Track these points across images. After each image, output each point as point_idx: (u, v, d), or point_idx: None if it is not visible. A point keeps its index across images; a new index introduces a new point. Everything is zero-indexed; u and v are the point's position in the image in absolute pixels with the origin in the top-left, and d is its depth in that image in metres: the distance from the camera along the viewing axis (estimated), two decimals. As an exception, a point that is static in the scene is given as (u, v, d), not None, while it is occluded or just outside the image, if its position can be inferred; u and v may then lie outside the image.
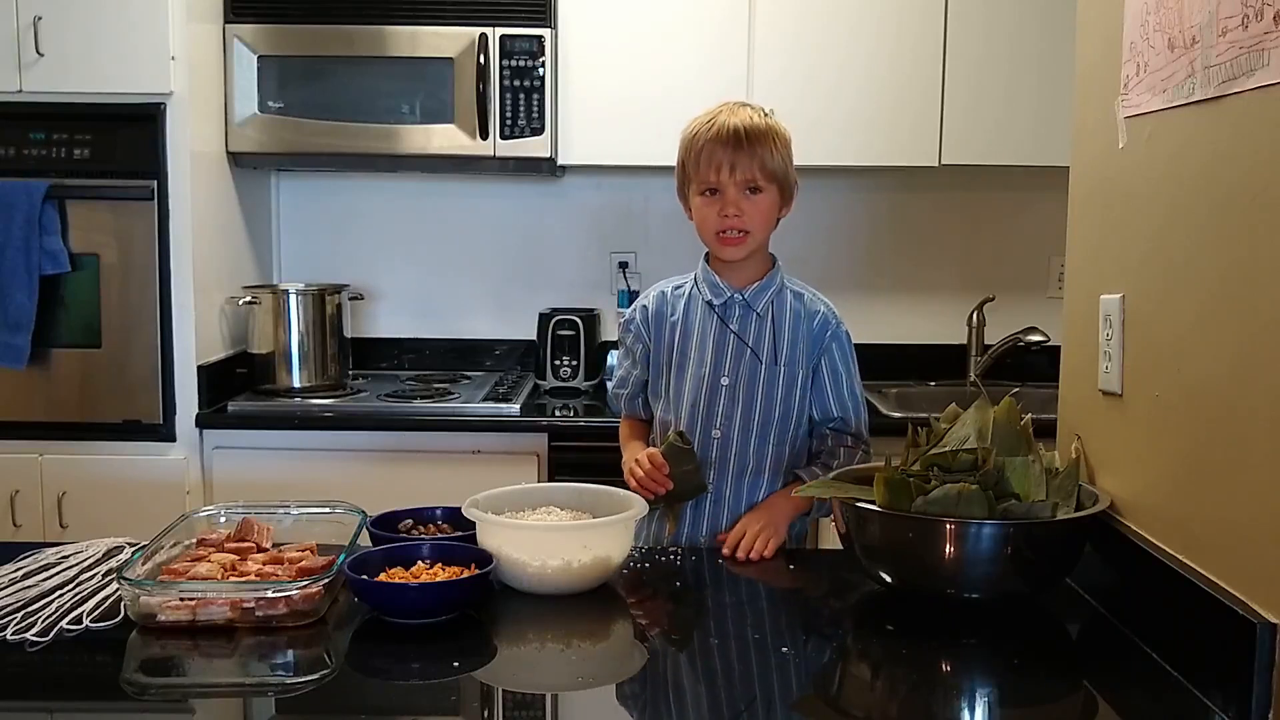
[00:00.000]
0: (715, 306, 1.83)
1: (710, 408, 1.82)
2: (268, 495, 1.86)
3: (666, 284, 1.92)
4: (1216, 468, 1.20)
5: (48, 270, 2.60)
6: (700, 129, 1.78)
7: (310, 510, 1.63)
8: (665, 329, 1.88)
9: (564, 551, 1.43)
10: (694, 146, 1.77)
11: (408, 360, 3.31)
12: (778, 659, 1.30)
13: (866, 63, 2.87)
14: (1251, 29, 1.11)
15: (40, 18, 2.55)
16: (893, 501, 1.38)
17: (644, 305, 1.91)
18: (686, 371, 1.84)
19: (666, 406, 1.87)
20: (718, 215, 1.76)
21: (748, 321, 1.83)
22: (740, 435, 1.82)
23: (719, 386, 1.82)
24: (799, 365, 1.82)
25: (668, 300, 1.89)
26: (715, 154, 1.74)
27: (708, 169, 1.75)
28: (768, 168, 1.75)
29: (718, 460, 1.82)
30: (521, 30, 2.81)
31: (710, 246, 1.82)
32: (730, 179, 1.74)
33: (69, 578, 1.47)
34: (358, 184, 3.27)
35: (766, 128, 1.77)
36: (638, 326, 1.91)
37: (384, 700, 1.23)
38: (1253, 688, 1.08)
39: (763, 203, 1.77)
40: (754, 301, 1.82)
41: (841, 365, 1.85)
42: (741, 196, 1.75)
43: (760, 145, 1.74)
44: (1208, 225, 1.22)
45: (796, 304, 1.84)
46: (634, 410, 1.97)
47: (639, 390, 1.94)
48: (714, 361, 1.83)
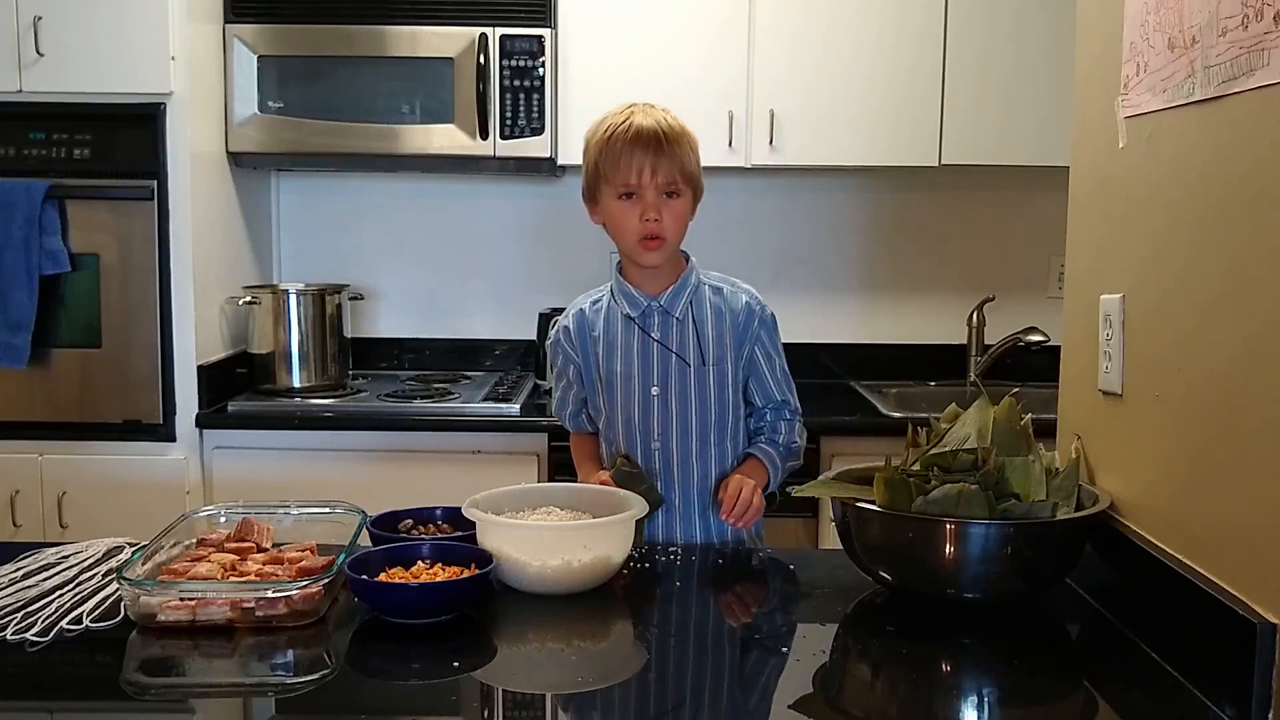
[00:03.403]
0: (634, 318, 1.82)
1: (646, 420, 1.82)
2: (268, 495, 1.86)
3: (584, 299, 1.91)
4: (1217, 468, 1.20)
5: (48, 270, 2.60)
6: (616, 130, 1.74)
7: (310, 510, 1.63)
8: (589, 346, 1.86)
9: (564, 551, 1.43)
10: (610, 147, 1.73)
11: (408, 360, 3.31)
12: (778, 659, 1.30)
13: (867, 63, 2.87)
14: (1251, 29, 1.11)
15: (40, 18, 2.55)
16: (893, 501, 1.38)
17: (565, 325, 1.90)
18: (616, 387, 1.83)
19: (606, 422, 1.87)
20: (639, 219, 1.73)
21: (668, 327, 1.81)
22: (680, 442, 1.81)
23: (650, 397, 1.81)
24: (727, 361, 1.81)
25: (586, 317, 1.88)
26: (635, 155, 1.71)
27: (627, 171, 1.72)
28: (686, 170, 1.74)
29: (663, 470, 1.82)
30: (521, 30, 2.81)
31: (630, 252, 1.79)
32: (651, 182, 1.72)
33: (69, 578, 1.47)
34: (358, 184, 3.27)
35: (683, 130, 1.75)
36: (564, 347, 1.90)
37: (384, 700, 1.23)
38: (1253, 688, 1.08)
39: (679, 206, 1.75)
40: (671, 307, 1.81)
41: (773, 348, 1.85)
42: (660, 200, 1.73)
43: (679, 148, 1.73)
44: (1208, 225, 1.22)
45: (717, 299, 1.83)
46: (579, 426, 1.96)
47: (580, 407, 1.94)
48: (641, 373, 1.81)
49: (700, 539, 1.83)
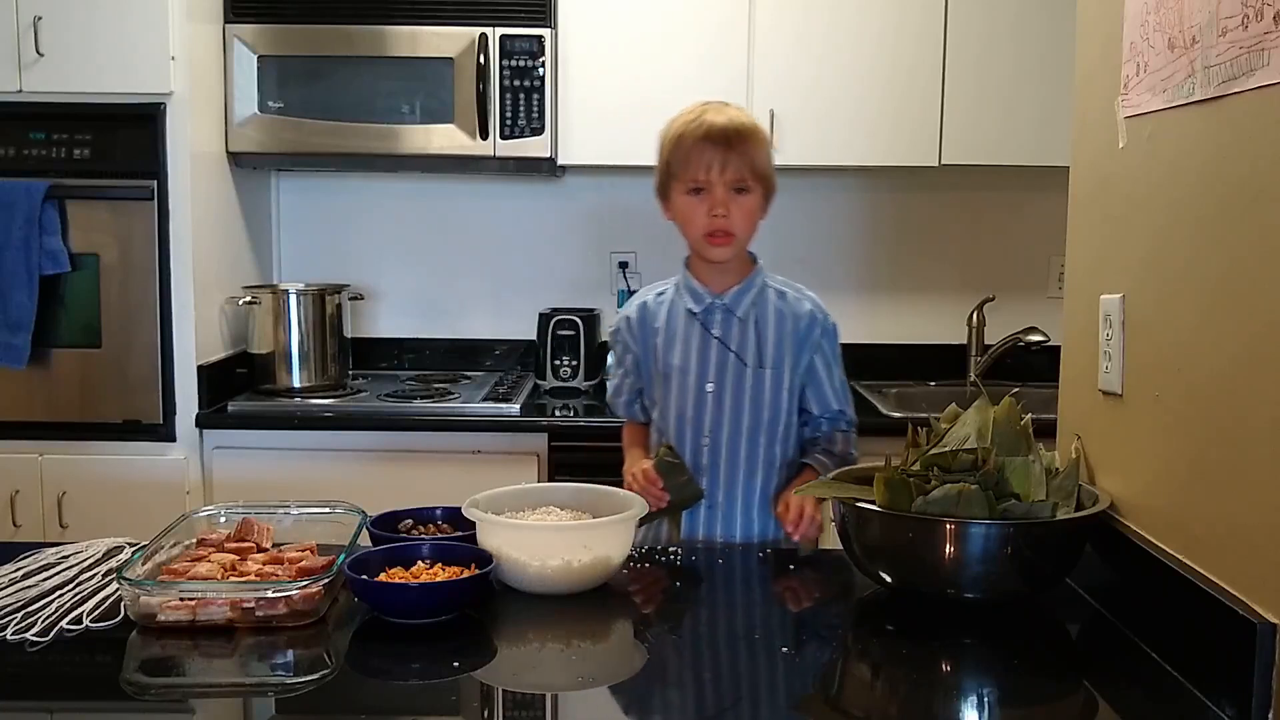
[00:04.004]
0: (696, 313, 1.83)
1: (698, 415, 1.83)
2: (268, 495, 1.86)
3: (649, 292, 1.92)
4: (1217, 468, 1.20)
5: (48, 270, 2.60)
6: (688, 127, 1.76)
7: (310, 510, 1.63)
8: (650, 338, 1.88)
9: (564, 551, 1.43)
10: (681, 144, 1.76)
11: (408, 360, 3.31)
12: (778, 659, 1.30)
13: (867, 63, 2.87)
14: (1251, 29, 1.11)
15: (40, 18, 2.55)
16: (893, 501, 1.38)
17: (628, 316, 1.91)
18: (673, 380, 1.84)
19: (659, 414, 1.88)
20: (706, 215, 1.75)
21: (729, 326, 1.82)
22: (729, 440, 1.82)
23: (704, 394, 1.82)
24: (784, 366, 1.82)
25: (650, 309, 1.89)
26: (705, 152, 1.73)
27: (696, 167, 1.74)
28: (756, 167, 1.75)
29: (709, 466, 1.83)
30: (521, 30, 2.81)
31: (697, 247, 1.81)
32: (720, 178, 1.74)
33: (69, 578, 1.47)
34: (358, 184, 3.27)
35: (754, 127, 1.77)
36: (625, 337, 1.91)
37: (384, 700, 1.23)
38: (1253, 688, 1.08)
39: (749, 203, 1.76)
40: (734, 306, 1.82)
41: (833, 358, 1.86)
42: (729, 196, 1.74)
43: (750, 145, 1.74)
44: (1208, 225, 1.22)
45: (780, 303, 1.84)
46: (633, 415, 1.97)
47: (634, 396, 1.95)
48: (698, 369, 1.82)
49: (740, 537, 1.84)
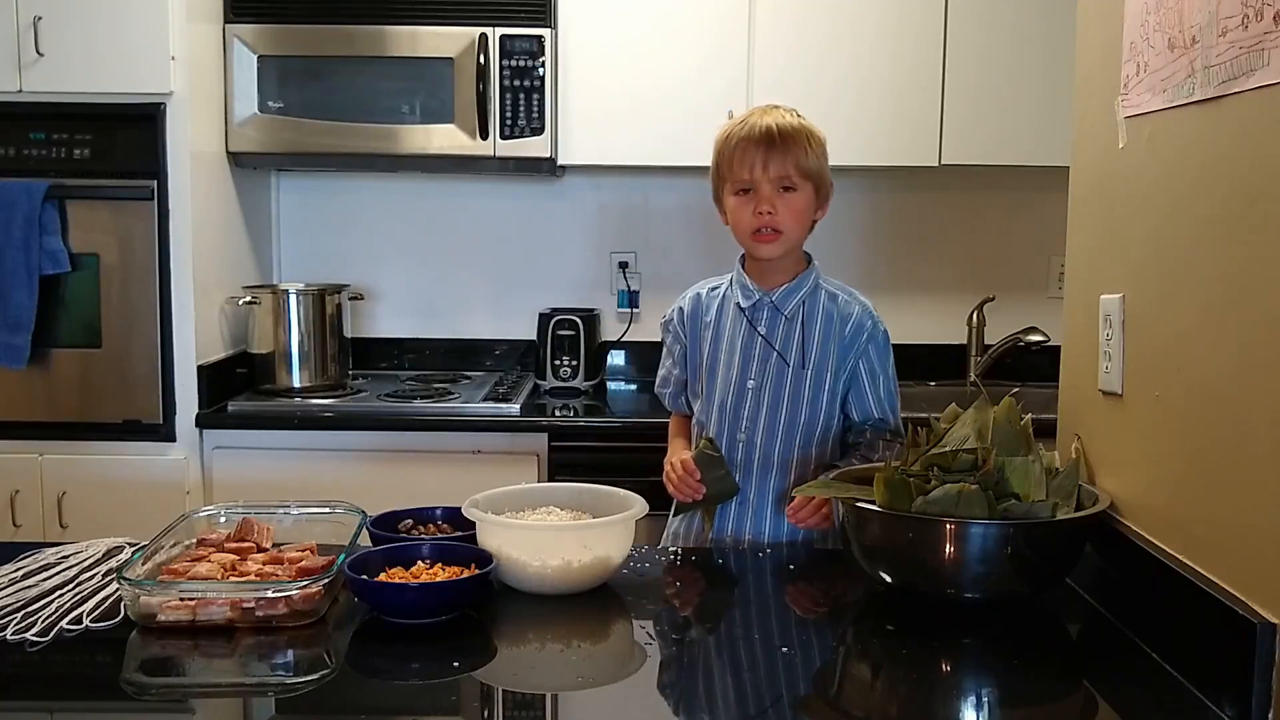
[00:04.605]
0: (744, 309, 1.84)
1: (737, 411, 1.83)
2: (268, 495, 1.86)
3: (704, 285, 1.94)
4: (1217, 468, 1.20)
5: (48, 270, 2.60)
6: (734, 129, 1.78)
7: (310, 510, 1.63)
8: (699, 331, 1.89)
9: (564, 551, 1.43)
10: (727, 146, 1.78)
11: (408, 360, 3.31)
12: (778, 659, 1.30)
13: (867, 63, 2.87)
14: (1251, 29, 1.11)
15: (40, 18, 2.55)
16: (893, 501, 1.38)
17: (680, 307, 1.93)
18: (717, 374, 1.86)
19: (701, 407, 1.89)
20: (752, 214, 1.76)
21: (776, 324, 1.83)
22: (766, 438, 1.82)
23: (746, 390, 1.83)
24: (828, 369, 1.82)
25: (702, 302, 1.91)
26: (749, 152, 1.75)
27: (741, 167, 1.76)
28: (802, 165, 1.76)
29: (744, 463, 1.83)
30: (521, 30, 2.80)
31: (745, 245, 1.82)
32: (764, 176, 1.75)
33: (69, 578, 1.47)
34: (358, 184, 3.26)
35: (800, 126, 1.78)
36: (675, 328, 1.93)
37: (384, 700, 1.23)
38: (1253, 688, 1.08)
39: (797, 201, 1.77)
40: (782, 304, 1.82)
41: (879, 366, 1.85)
42: (775, 194, 1.75)
43: (794, 143, 1.75)
44: (1208, 225, 1.22)
45: (830, 305, 1.84)
46: (679, 407, 1.98)
47: (680, 389, 1.96)
48: (741, 365, 1.83)
49: (769, 537, 1.83)
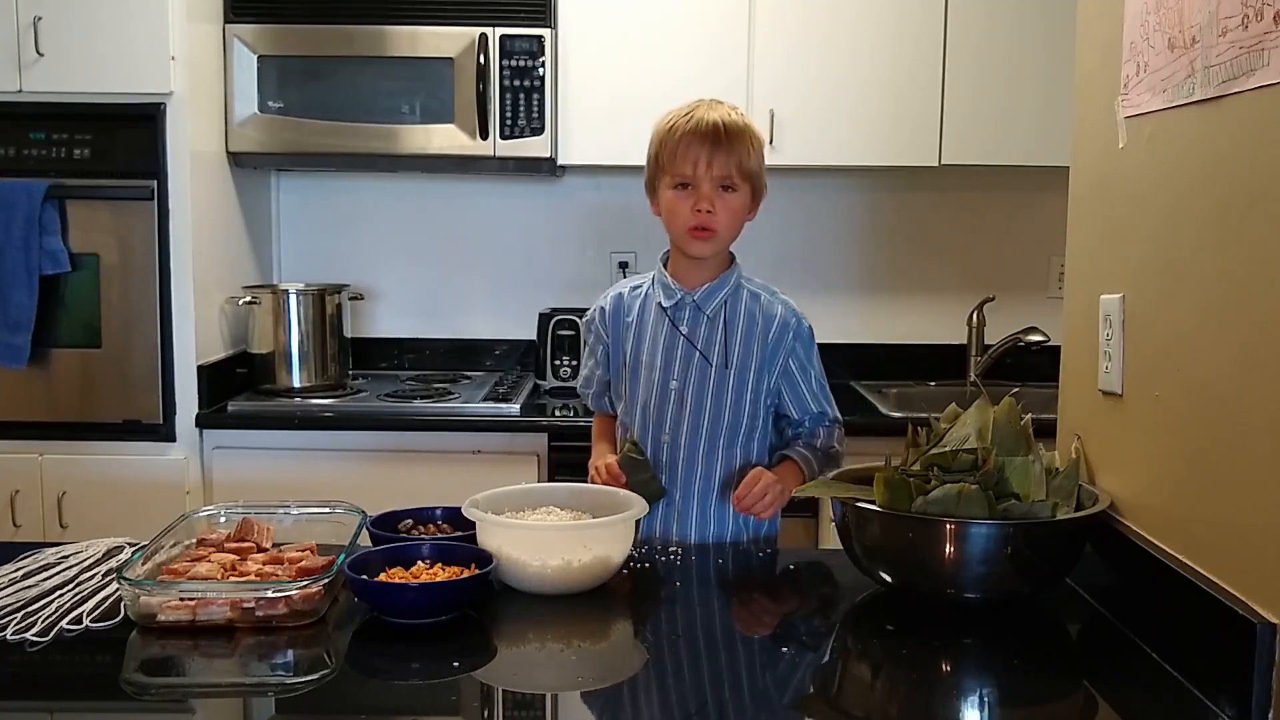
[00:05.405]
0: (666, 309, 1.82)
1: (660, 412, 1.82)
2: (268, 495, 1.86)
3: (625, 284, 1.92)
4: (1217, 468, 1.20)
5: (48, 270, 2.60)
6: (678, 122, 1.76)
7: (310, 510, 1.63)
8: (621, 330, 1.87)
9: (564, 551, 1.43)
10: (670, 139, 1.76)
11: (408, 360, 3.31)
12: (778, 659, 1.30)
13: (867, 63, 2.87)
14: (1251, 29, 1.11)
15: (40, 18, 2.55)
16: (893, 501, 1.38)
17: (602, 306, 1.91)
18: (639, 375, 1.84)
19: (624, 408, 1.88)
20: (690, 210, 1.74)
21: (698, 324, 1.82)
22: (689, 439, 1.81)
23: (669, 390, 1.81)
24: (750, 369, 1.81)
25: (624, 301, 1.89)
26: (692, 147, 1.73)
27: (683, 162, 1.74)
28: (744, 166, 1.74)
29: (669, 464, 1.82)
30: (521, 30, 2.81)
31: (679, 241, 1.80)
32: (706, 174, 1.73)
33: (69, 578, 1.47)
34: (358, 184, 3.27)
35: (745, 126, 1.76)
36: (597, 327, 1.91)
37: (384, 700, 1.23)
38: (1253, 688, 1.08)
39: (734, 202, 1.76)
40: (704, 303, 1.81)
41: (808, 362, 1.86)
42: (715, 193, 1.74)
43: (739, 143, 1.74)
44: (1208, 225, 1.22)
45: (753, 305, 1.83)
46: (602, 407, 1.97)
47: (604, 389, 1.94)
48: (664, 365, 1.82)
49: (695, 538, 1.83)
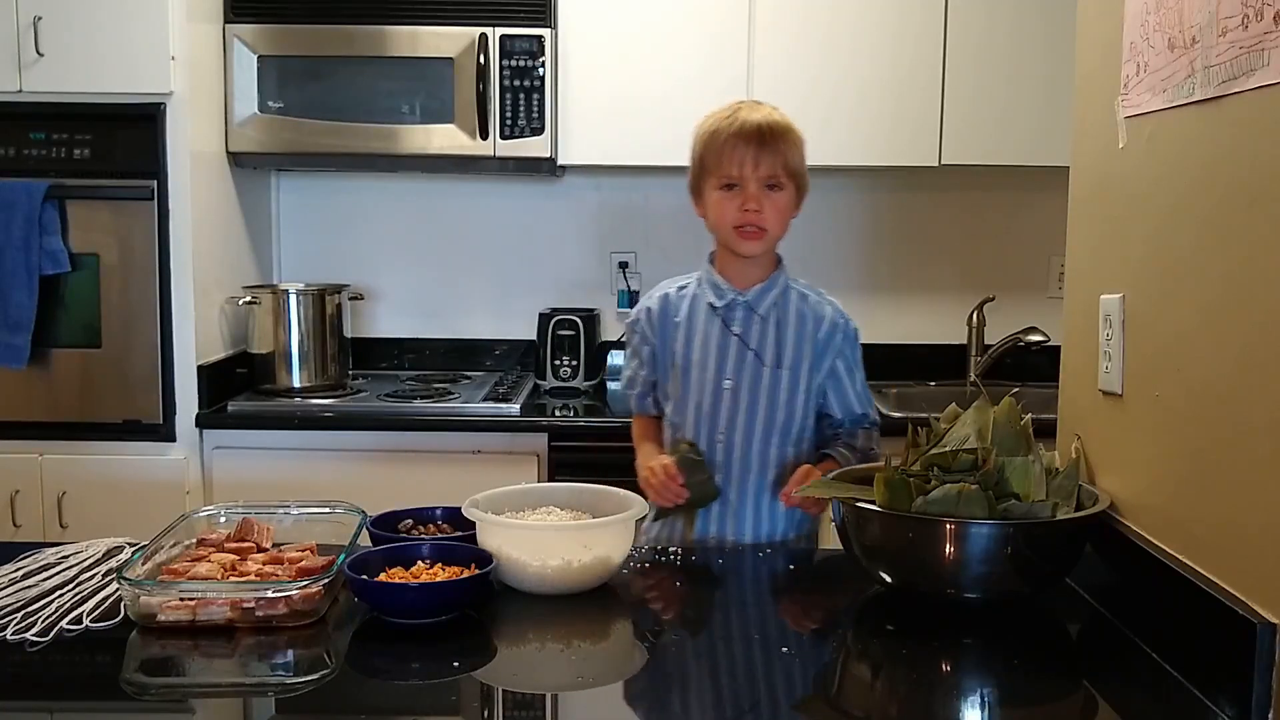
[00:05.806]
0: (717, 309, 1.83)
1: (714, 411, 1.83)
2: (268, 495, 1.86)
3: (670, 284, 1.92)
4: (1217, 468, 1.20)
5: (48, 270, 2.60)
6: (722, 124, 1.77)
7: (310, 510, 1.63)
8: (669, 331, 1.87)
9: (564, 551, 1.43)
10: (715, 141, 1.77)
11: (408, 360, 3.31)
12: (778, 659, 1.30)
13: (867, 63, 2.87)
14: (1251, 29, 1.11)
15: (40, 18, 2.55)
16: (893, 501, 1.38)
17: (648, 307, 1.91)
18: (690, 375, 1.84)
19: (674, 409, 1.88)
20: (738, 210, 1.76)
21: (750, 324, 1.83)
22: (743, 438, 1.82)
23: (721, 390, 1.82)
24: (801, 368, 1.82)
25: (671, 302, 1.89)
26: (738, 149, 1.75)
27: (730, 164, 1.75)
28: (789, 165, 1.76)
29: (723, 463, 1.83)
30: (521, 30, 2.80)
31: (727, 240, 1.81)
32: (753, 174, 1.75)
33: (69, 578, 1.47)
34: (358, 184, 3.26)
35: (788, 126, 1.78)
36: (643, 328, 1.91)
37: (384, 700, 1.23)
38: (1253, 688, 1.08)
39: (781, 200, 1.77)
40: (756, 304, 1.82)
41: (855, 363, 1.87)
42: (762, 192, 1.75)
43: (784, 142, 1.76)
44: (1208, 225, 1.22)
45: (801, 305, 1.84)
46: (644, 408, 1.96)
47: (648, 390, 1.94)
48: (716, 364, 1.83)
49: (750, 537, 1.83)
